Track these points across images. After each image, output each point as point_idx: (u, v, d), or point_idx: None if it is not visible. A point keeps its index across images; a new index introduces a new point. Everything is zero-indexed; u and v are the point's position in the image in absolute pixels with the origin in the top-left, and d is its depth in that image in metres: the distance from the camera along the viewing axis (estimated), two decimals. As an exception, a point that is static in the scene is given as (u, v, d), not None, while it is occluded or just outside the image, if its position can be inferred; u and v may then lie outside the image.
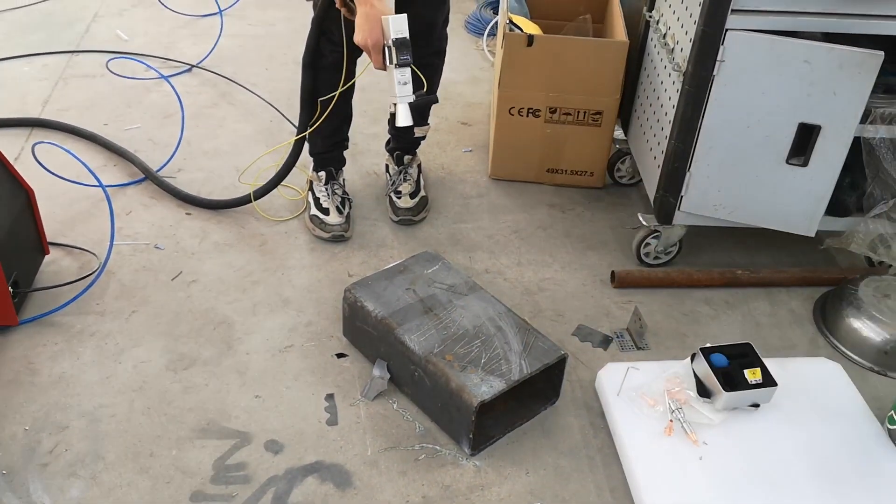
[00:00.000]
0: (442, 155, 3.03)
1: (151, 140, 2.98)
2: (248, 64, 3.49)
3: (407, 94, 2.12)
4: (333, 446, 1.97)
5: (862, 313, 2.29)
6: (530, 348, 2.01)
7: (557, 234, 2.68)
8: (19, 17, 3.76)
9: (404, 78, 2.10)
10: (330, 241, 2.57)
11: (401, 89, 2.11)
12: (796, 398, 2.05)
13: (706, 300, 2.45)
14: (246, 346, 2.22)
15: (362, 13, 2.07)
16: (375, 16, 2.05)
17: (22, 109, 3.10)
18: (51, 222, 2.50)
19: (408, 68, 2.10)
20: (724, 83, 2.14)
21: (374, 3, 2.05)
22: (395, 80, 2.10)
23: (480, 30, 3.83)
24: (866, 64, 2.04)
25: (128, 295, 2.34)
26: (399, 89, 2.11)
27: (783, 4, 2.05)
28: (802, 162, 2.21)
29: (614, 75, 2.66)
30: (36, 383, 2.07)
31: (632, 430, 1.97)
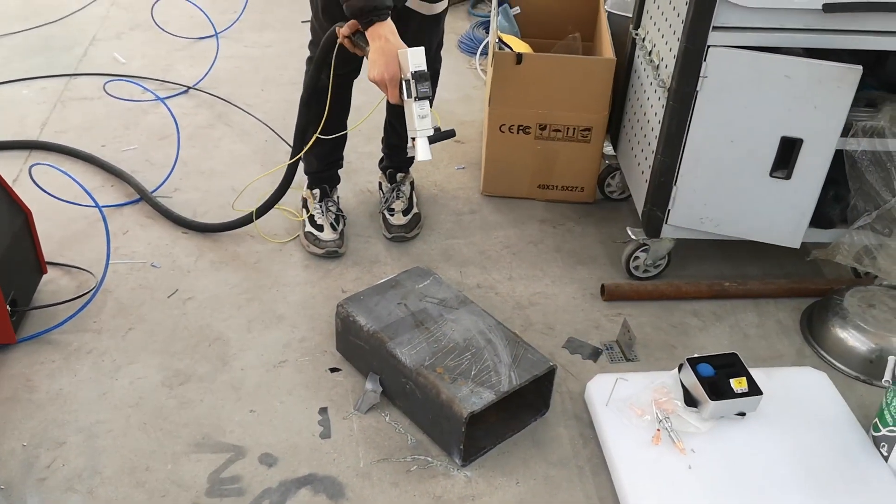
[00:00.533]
0: (435, 172, 3.08)
1: (148, 161, 3.03)
2: (243, 85, 3.54)
3: (427, 128, 2.08)
4: (326, 459, 2.00)
5: (847, 323, 2.32)
6: (520, 360, 2.04)
7: (548, 249, 2.72)
8: (19, 41, 3.82)
9: (423, 111, 2.07)
10: (324, 258, 2.61)
11: (420, 122, 2.07)
12: (782, 407, 2.08)
13: (695, 312, 2.49)
14: (241, 362, 2.25)
15: (377, 48, 2.05)
16: (391, 50, 2.04)
17: (21, 132, 3.15)
18: (49, 242, 2.54)
19: (427, 101, 2.07)
20: (707, 98, 2.18)
21: (388, 37, 2.05)
22: (414, 113, 2.07)
23: (473, 49, 3.89)
24: (845, 78, 2.08)
25: (124, 313, 2.38)
26: (419, 122, 2.07)
27: (763, 21, 2.10)
28: (786, 175, 2.25)
29: (602, 92, 2.71)
30: (34, 400, 2.11)
31: (620, 440, 1.99)
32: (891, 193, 2.29)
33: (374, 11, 2.02)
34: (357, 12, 2.04)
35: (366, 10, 2.02)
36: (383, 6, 2.03)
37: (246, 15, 4.05)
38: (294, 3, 4.27)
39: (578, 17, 3.10)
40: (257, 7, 4.17)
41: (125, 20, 4.05)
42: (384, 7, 2.03)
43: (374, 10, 2.02)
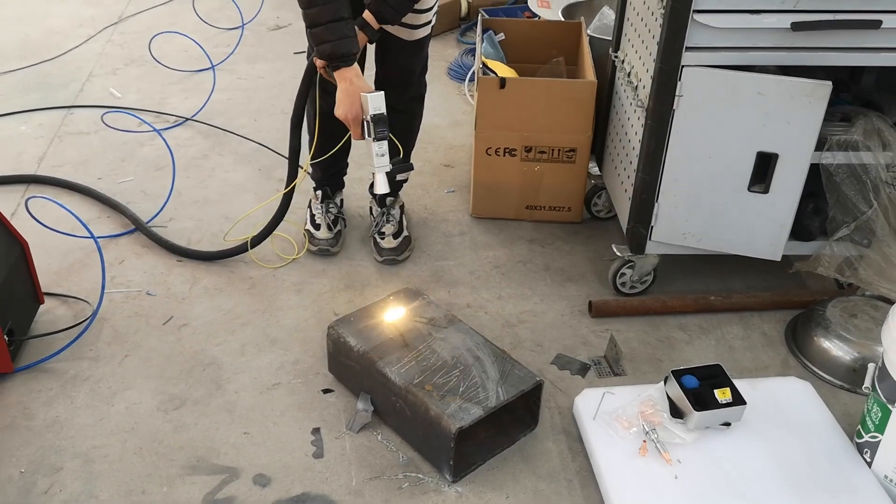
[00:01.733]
0: (425, 196, 3.13)
1: (144, 192, 3.09)
2: (237, 116, 3.61)
3: (384, 165, 2.30)
4: (319, 478, 2.03)
5: (830, 333, 2.36)
6: (507, 376, 2.08)
7: (537, 268, 2.77)
8: (17, 78, 3.89)
9: (381, 150, 2.28)
10: (318, 255, 2.75)
11: (378, 160, 2.29)
12: (767, 416, 2.12)
13: (681, 326, 2.53)
14: (234, 386, 2.29)
15: (342, 89, 2.24)
16: (355, 91, 2.23)
17: (18, 167, 3.22)
18: (46, 273, 2.59)
19: (385, 141, 2.27)
20: (683, 117, 2.24)
21: (352, 79, 2.24)
22: (373, 152, 2.28)
23: (462, 76, 3.96)
24: (816, 93, 2.14)
25: (120, 340, 2.42)
26: (377, 160, 2.29)
27: (734, 41, 2.16)
28: (763, 189, 2.30)
29: (585, 114, 2.77)
30: (31, 427, 2.14)
31: (607, 452, 2.03)
32: (868, 205, 2.34)
33: (341, 58, 2.23)
34: (325, 57, 2.24)
35: (333, 57, 2.22)
36: (349, 54, 2.22)
37: (239, 47, 4.14)
38: (286, 35, 4.37)
39: (562, 41, 3.17)
40: (250, 40, 4.25)
41: (121, 56, 4.13)
42: (350, 55, 2.23)
43: (340, 56, 2.22)
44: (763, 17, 2.11)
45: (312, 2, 2.17)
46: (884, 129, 2.30)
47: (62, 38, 4.29)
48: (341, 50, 2.20)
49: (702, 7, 2.11)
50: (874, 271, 2.38)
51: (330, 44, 2.19)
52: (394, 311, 2.29)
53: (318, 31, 2.19)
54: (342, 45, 2.20)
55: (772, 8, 2.11)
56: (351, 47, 2.22)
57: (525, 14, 4.08)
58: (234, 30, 4.26)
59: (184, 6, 4.57)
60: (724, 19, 2.12)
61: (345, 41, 2.20)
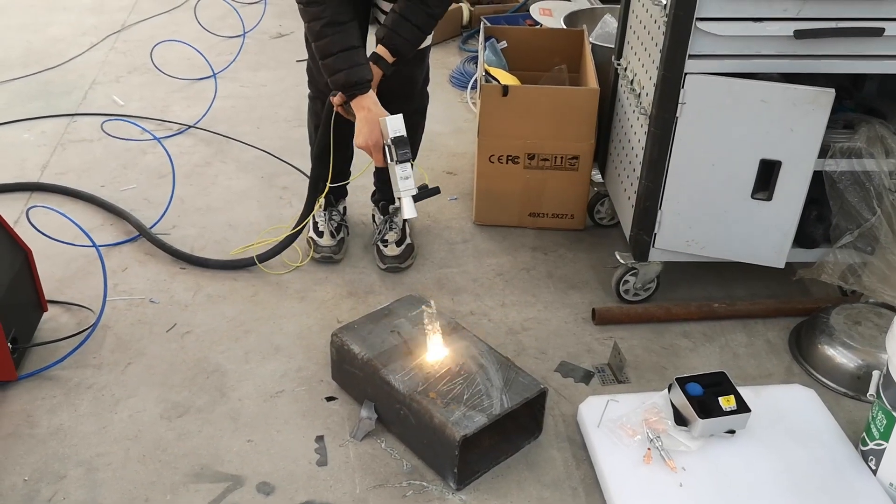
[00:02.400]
0: (428, 204, 3.10)
1: (147, 199, 3.09)
2: (239, 123, 3.62)
3: (410, 188, 2.26)
4: (323, 486, 2.03)
5: (834, 341, 2.36)
6: (511, 384, 2.08)
7: (540, 276, 2.77)
8: (20, 86, 3.90)
9: (405, 173, 2.25)
10: (321, 263, 2.75)
11: (403, 184, 2.26)
12: (771, 424, 2.11)
13: (685, 333, 2.53)
14: (238, 393, 2.29)
15: (361, 117, 2.25)
16: (373, 119, 2.24)
17: (21, 175, 3.22)
18: (49, 281, 2.59)
19: (408, 163, 2.25)
20: (687, 124, 2.25)
21: (370, 107, 2.25)
22: (397, 175, 2.25)
23: (464, 83, 3.97)
24: (819, 101, 2.14)
25: (123, 348, 2.42)
26: (402, 184, 2.26)
27: (737, 48, 2.17)
28: (766, 196, 2.30)
29: (588, 121, 2.78)
30: (35, 435, 2.14)
31: (612, 460, 2.03)
32: (871, 212, 2.33)
33: (356, 86, 2.24)
34: (340, 87, 2.25)
35: (348, 85, 2.24)
36: (364, 81, 2.24)
37: (241, 55, 4.15)
38: (288, 42, 4.38)
39: (564, 49, 3.18)
40: (252, 48, 4.27)
41: (123, 64, 4.14)
42: (364, 81, 2.24)
43: (355, 85, 2.24)
44: (766, 24, 2.12)
45: (322, 33, 2.20)
46: (887, 137, 2.30)
47: (65, 46, 4.31)
48: (355, 78, 2.22)
49: (705, 15, 2.11)
50: (878, 278, 2.38)
51: (343, 72, 2.22)
52: (397, 319, 2.29)
53: (330, 61, 2.22)
54: (355, 73, 2.22)
55: (775, 16, 2.11)
56: (365, 74, 2.24)
57: (527, 22, 4.09)
58: (236, 38, 4.27)
59: (186, 15, 4.59)
60: (727, 27, 2.13)
61: (357, 69, 2.23)
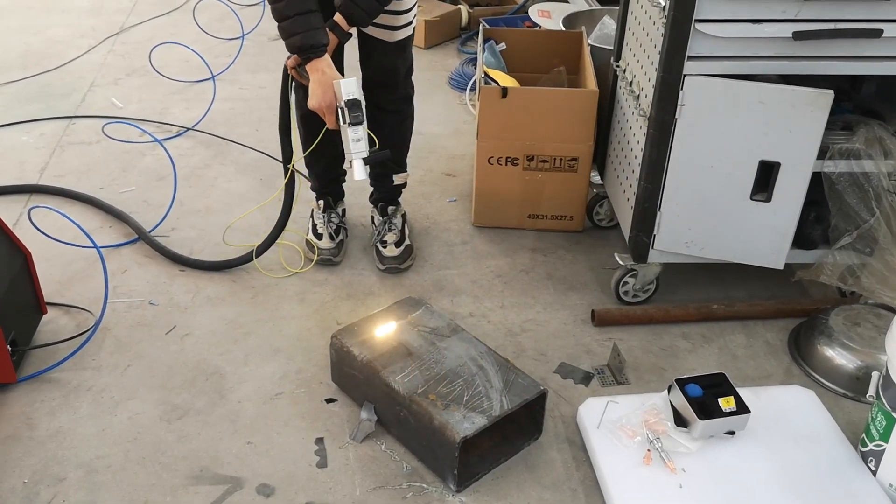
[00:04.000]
0: (427, 205, 3.14)
1: (146, 201, 3.09)
2: (239, 125, 3.62)
3: (361, 150, 2.29)
4: (323, 488, 2.03)
5: (834, 342, 2.36)
6: (511, 385, 2.08)
7: (539, 277, 2.77)
8: (19, 88, 3.91)
9: (357, 135, 2.27)
10: (320, 265, 2.75)
11: (355, 146, 2.28)
12: (771, 425, 2.11)
13: (684, 335, 2.53)
14: (238, 395, 2.29)
15: (315, 80, 2.26)
16: (327, 81, 2.25)
17: (21, 177, 3.22)
18: (49, 283, 2.59)
19: (360, 126, 2.27)
20: (685, 126, 2.25)
21: (324, 69, 2.26)
22: (349, 137, 2.27)
23: (463, 85, 3.97)
24: (817, 102, 2.15)
25: (123, 350, 2.42)
26: (353, 146, 2.28)
27: (736, 50, 2.17)
28: (765, 198, 2.31)
29: (587, 123, 2.78)
30: (34, 437, 2.14)
31: (611, 461, 2.03)
32: (870, 213, 2.34)
33: (311, 49, 2.24)
34: (296, 49, 2.26)
35: (304, 48, 2.25)
36: (319, 44, 2.24)
37: (240, 57, 4.15)
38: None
39: (563, 51, 3.18)
40: (251, 50, 4.27)
41: (122, 66, 4.15)
42: (320, 45, 2.25)
43: (310, 48, 2.24)
44: (764, 26, 2.12)
45: None
46: (885, 138, 2.30)
47: (64, 48, 4.31)
48: (310, 41, 2.22)
49: (703, 16, 2.12)
50: (877, 280, 2.38)
51: (299, 35, 2.22)
52: (397, 321, 2.29)
53: (287, 24, 2.22)
54: (311, 37, 2.22)
55: (773, 17, 2.12)
56: (321, 38, 2.24)
57: (526, 24, 4.10)
58: (235, 40, 4.27)
59: (185, 17, 4.60)
60: (726, 28, 2.13)
61: (313, 32, 2.23)
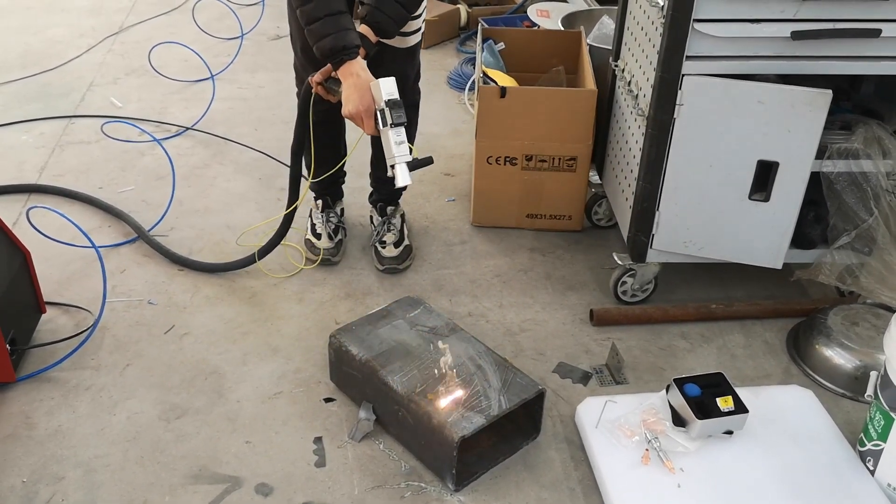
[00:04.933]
0: (426, 205, 3.14)
1: (145, 201, 3.09)
2: (238, 125, 3.62)
3: (405, 154, 2.17)
4: (322, 487, 2.03)
5: (832, 341, 2.36)
6: (509, 385, 2.08)
7: (538, 277, 2.77)
8: (18, 88, 3.90)
9: (400, 138, 2.17)
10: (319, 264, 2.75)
11: (398, 149, 2.17)
12: (769, 425, 2.12)
13: (682, 334, 2.53)
14: (236, 395, 2.29)
15: (350, 84, 2.16)
16: (363, 84, 2.16)
17: (20, 176, 3.22)
18: (48, 282, 2.59)
19: (402, 128, 2.16)
20: (684, 125, 2.25)
21: (359, 73, 2.17)
22: (391, 140, 2.16)
23: (462, 85, 3.97)
24: (816, 102, 2.15)
25: (122, 349, 2.42)
26: (396, 149, 2.17)
27: (735, 50, 2.17)
28: (764, 197, 2.31)
29: (585, 123, 2.78)
30: (33, 437, 2.14)
31: (610, 461, 2.03)
32: (868, 213, 2.34)
33: (344, 51, 2.14)
34: (328, 53, 2.15)
35: (335, 50, 2.14)
36: (352, 45, 2.15)
37: (239, 57, 4.15)
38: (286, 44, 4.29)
39: (562, 50, 3.18)
40: (250, 50, 4.27)
41: (121, 66, 4.15)
42: (353, 46, 2.16)
43: (343, 49, 2.14)
44: (763, 26, 2.12)
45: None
46: (884, 138, 2.30)
47: (63, 48, 4.31)
48: (343, 42, 2.13)
49: (702, 16, 2.12)
50: (875, 279, 2.38)
51: (331, 37, 2.13)
52: (395, 320, 2.29)
53: (316, 26, 2.14)
54: (343, 38, 2.13)
55: (772, 17, 2.12)
56: (353, 38, 2.16)
57: (525, 23, 4.10)
58: (234, 40, 4.27)
59: (184, 16, 4.60)
60: (725, 28, 2.13)
61: (345, 33, 2.14)
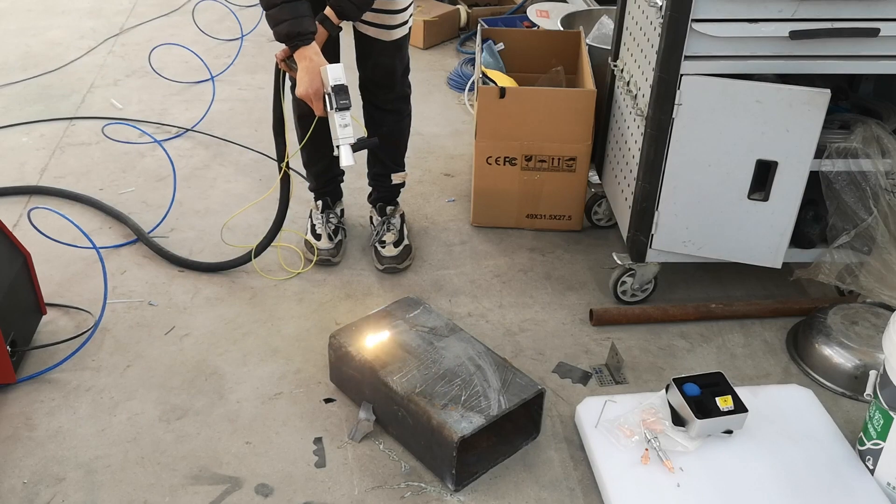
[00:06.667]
0: (426, 205, 3.14)
1: (145, 202, 3.10)
2: (238, 126, 3.63)
3: (348, 136, 2.28)
4: (322, 487, 2.03)
5: (832, 340, 2.36)
6: (509, 385, 2.09)
7: (538, 277, 2.77)
8: (19, 90, 3.91)
9: (344, 121, 2.27)
10: (319, 265, 2.76)
11: (342, 132, 2.28)
12: (769, 424, 2.12)
13: (682, 334, 2.53)
14: (237, 395, 2.29)
15: (303, 67, 2.27)
16: (314, 68, 2.26)
17: (20, 178, 3.23)
18: (48, 284, 2.60)
19: (347, 112, 2.27)
20: (683, 125, 2.25)
21: (311, 57, 2.27)
22: (336, 123, 2.27)
23: (462, 85, 3.97)
24: (814, 101, 2.15)
25: (122, 350, 2.43)
26: (341, 132, 2.28)
27: (733, 49, 2.17)
28: (763, 197, 2.31)
29: (584, 123, 2.78)
30: (34, 438, 2.15)
31: (609, 461, 2.03)
32: (867, 212, 2.34)
33: (298, 37, 2.25)
34: (283, 37, 2.26)
35: (291, 36, 2.25)
36: (307, 32, 2.25)
37: (239, 58, 4.15)
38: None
39: (561, 50, 3.19)
40: (250, 51, 4.27)
41: (122, 68, 4.15)
42: (307, 32, 2.26)
43: (297, 35, 2.25)
44: (761, 25, 2.13)
45: None
46: (883, 137, 2.30)
47: (63, 49, 4.32)
48: (298, 28, 2.23)
49: (700, 16, 2.12)
50: (875, 278, 2.38)
51: (287, 23, 2.22)
52: (395, 320, 2.29)
53: (274, 11, 2.23)
54: (298, 24, 2.23)
55: (770, 17, 2.12)
56: (307, 25, 2.25)
57: (524, 24, 4.10)
58: (234, 41, 4.28)
59: (184, 18, 4.61)
60: (723, 28, 2.13)
61: (300, 20, 2.23)
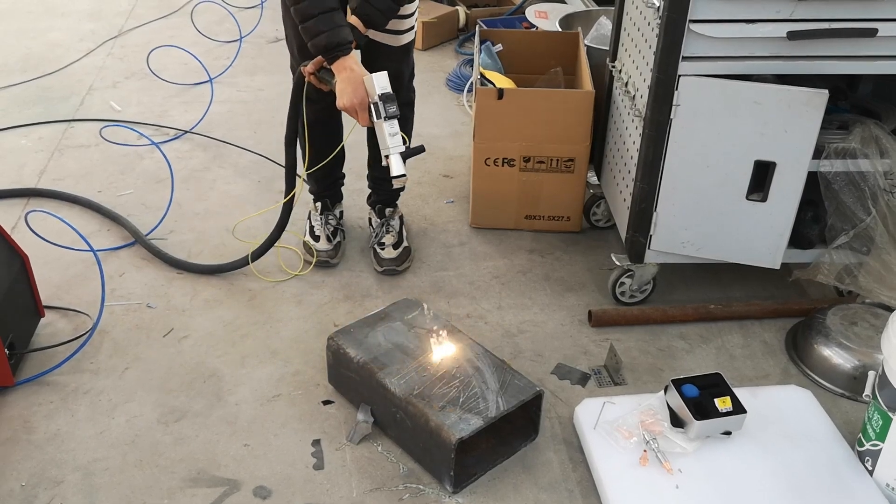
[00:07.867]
0: (425, 207, 3.14)
1: (144, 204, 3.10)
2: (237, 128, 3.63)
3: (398, 145, 2.26)
4: (320, 489, 2.03)
5: (831, 341, 2.36)
6: (507, 386, 2.08)
7: (537, 278, 2.77)
8: (17, 92, 3.91)
9: (394, 129, 2.25)
10: (318, 267, 2.76)
11: (392, 140, 2.25)
12: (768, 425, 2.11)
13: (681, 335, 2.53)
14: (235, 397, 2.29)
15: (343, 78, 2.23)
16: (357, 78, 2.23)
17: (19, 180, 3.22)
18: (46, 286, 2.60)
19: (396, 120, 2.24)
20: (681, 126, 2.25)
21: (352, 67, 2.23)
22: (385, 132, 2.24)
23: (461, 86, 3.97)
24: (813, 102, 2.15)
25: (121, 353, 2.43)
26: (391, 140, 2.25)
27: (731, 50, 2.17)
28: (761, 198, 2.31)
29: (583, 124, 2.78)
30: (32, 440, 2.14)
31: (608, 462, 2.03)
32: (866, 213, 2.34)
33: (338, 47, 2.22)
34: (322, 49, 2.23)
35: (330, 47, 2.22)
36: (346, 42, 2.22)
37: (238, 60, 4.15)
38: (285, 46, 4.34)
39: (559, 52, 3.19)
40: (249, 52, 4.27)
41: (121, 69, 4.16)
42: (346, 42, 2.22)
43: (337, 46, 2.22)
44: (759, 26, 2.12)
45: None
46: (881, 137, 2.30)
47: (63, 51, 4.32)
48: (336, 39, 2.21)
49: (698, 17, 2.12)
50: (874, 279, 2.38)
51: (325, 34, 2.20)
52: (393, 322, 2.29)
53: (311, 24, 2.20)
54: (337, 35, 2.21)
55: (768, 17, 2.12)
56: (346, 35, 2.23)
57: (523, 25, 4.10)
58: (233, 42, 4.28)
59: (183, 20, 4.61)
60: (721, 29, 2.13)
61: (339, 30, 2.21)
